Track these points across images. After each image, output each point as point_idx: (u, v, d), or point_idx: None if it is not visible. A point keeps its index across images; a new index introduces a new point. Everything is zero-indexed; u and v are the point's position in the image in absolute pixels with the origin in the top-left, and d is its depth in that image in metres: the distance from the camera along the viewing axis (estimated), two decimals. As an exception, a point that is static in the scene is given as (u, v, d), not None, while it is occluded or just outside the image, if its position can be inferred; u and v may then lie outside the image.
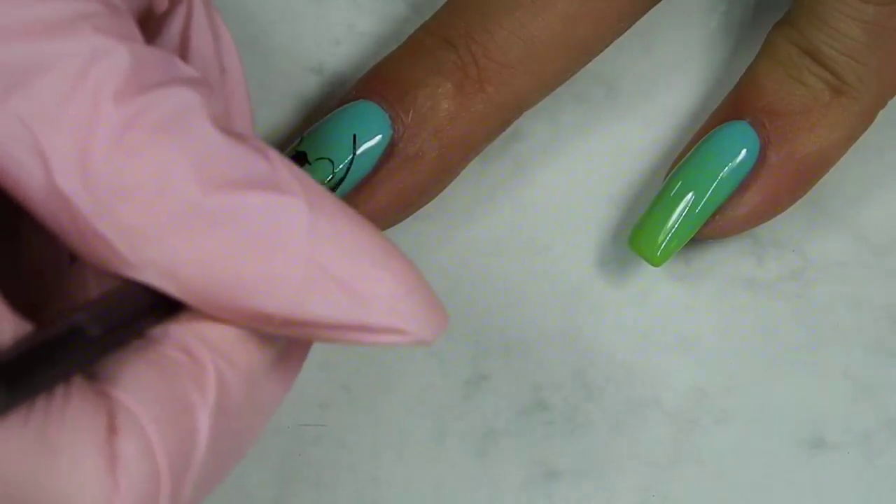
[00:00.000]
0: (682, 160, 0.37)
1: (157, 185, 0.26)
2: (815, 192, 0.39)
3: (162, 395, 0.26)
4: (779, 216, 0.38)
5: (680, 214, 0.36)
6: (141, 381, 0.26)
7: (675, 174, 0.37)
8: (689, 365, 0.39)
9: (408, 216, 0.37)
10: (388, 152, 0.36)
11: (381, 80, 0.36)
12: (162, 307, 0.26)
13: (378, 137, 0.36)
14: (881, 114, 0.37)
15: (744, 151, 0.36)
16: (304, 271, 0.26)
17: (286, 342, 0.28)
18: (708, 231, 0.37)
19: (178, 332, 0.27)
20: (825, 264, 0.39)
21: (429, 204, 0.37)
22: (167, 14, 0.30)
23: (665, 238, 0.36)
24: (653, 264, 0.36)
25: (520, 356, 0.39)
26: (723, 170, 0.36)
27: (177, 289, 0.26)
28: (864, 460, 0.38)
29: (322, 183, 0.35)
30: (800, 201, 0.38)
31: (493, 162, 0.39)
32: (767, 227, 0.38)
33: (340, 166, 0.36)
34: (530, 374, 0.38)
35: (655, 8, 0.37)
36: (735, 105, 0.37)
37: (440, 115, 0.36)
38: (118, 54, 0.26)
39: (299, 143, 0.36)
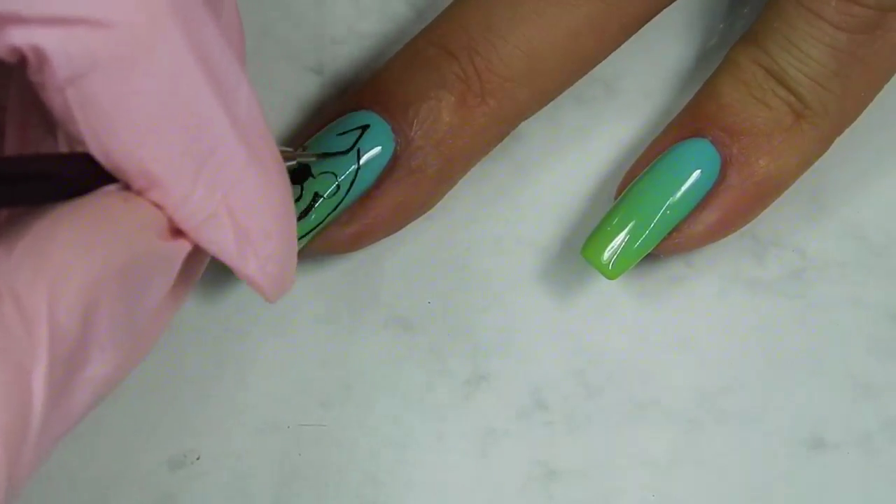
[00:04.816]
0: (642, 174, 0.37)
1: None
2: (815, 191, 0.39)
3: None
4: (779, 216, 0.38)
5: (633, 229, 0.36)
6: None
7: (634, 188, 0.37)
8: (689, 365, 0.39)
9: (407, 224, 0.37)
10: (391, 165, 0.36)
11: (383, 91, 0.36)
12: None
13: (381, 150, 0.36)
14: (880, 115, 0.37)
15: (699, 170, 0.36)
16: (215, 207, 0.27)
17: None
18: (663, 247, 0.37)
19: (8, 275, 0.25)
20: (825, 264, 0.39)
21: (428, 205, 0.38)
22: None
23: (616, 252, 0.36)
24: (607, 277, 0.36)
25: (520, 356, 0.39)
26: (681, 187, 0.36)
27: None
28: (864, 460, 0.38)
29: (326, 197, 0.36)
30: (800, 201, 0.39)
31: (493, 162, 0.39)
32: (767, 227, 0.38)
33: (343, 178, 0.36)
34: (530, 374, 0.38)
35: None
36: (695, 120, 0.37)
37: (442, 129, 0.36)
38: None
39: (303, 154, 0.36)
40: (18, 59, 0.26)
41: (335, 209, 0.36)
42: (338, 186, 0.36)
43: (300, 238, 0.36)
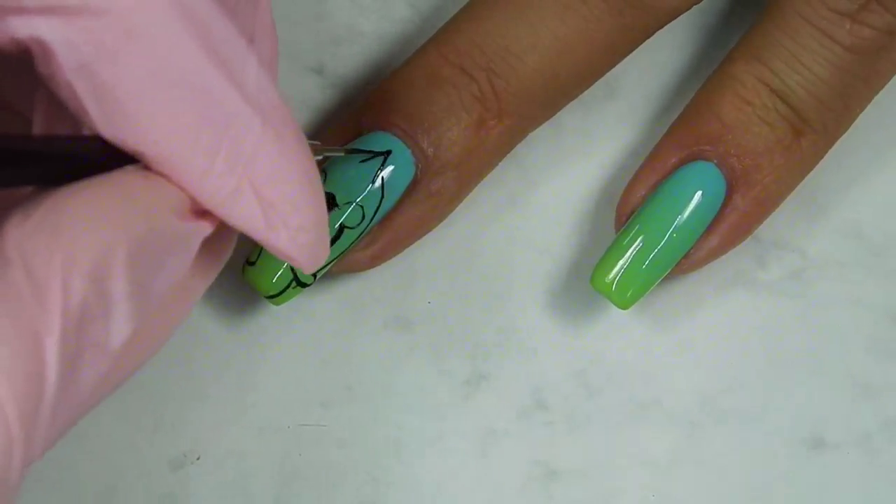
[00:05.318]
0: (647, 201, 0.36)
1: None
2: (815, 191, 0.39)
3: (4, 332, 0.25)
4: (779, 217, 0.38)
5: (643, 258, 0.36)
6: None
7: (640, 215, 0.36)
8: (690, 365, 0.39)
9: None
10: (411, 188, 0.36)
11: (401, 111, 0.36)
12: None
13: (402, 174, 0.36)
14: (878, 114, 0.38)
15: (704, 196, 0.36)
16: (238, 182, 0.27)
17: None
18: (672, 272, 0.37)
19: (21, 243, 0.25)
20: (825, 264, 0.39)
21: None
22: None
23: (627, 281, 0.36)
24: (619, 307, 0.36)
25: (520, 356, 0.39)
26: (687, 214, 0.36)
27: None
28: (864, 460, 0.38)
29: (352, 227, 0.36)
30: (800, 201, 0.39)
31: (493, 162, 0.39)
32: (768, 227, 0.38)
33: (368, 208, 0.36)
34: (530, 374, 0.38)
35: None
36: (698, 140, 0.36)
37: (461, 151, 0.36)
38: None
39: (325, 181, 0.36)
40: (22, 51, 0.26)
41: (359, 237, 0.36)
42: (362, 216, 0.36)
43: (324, 265, 0.36)
